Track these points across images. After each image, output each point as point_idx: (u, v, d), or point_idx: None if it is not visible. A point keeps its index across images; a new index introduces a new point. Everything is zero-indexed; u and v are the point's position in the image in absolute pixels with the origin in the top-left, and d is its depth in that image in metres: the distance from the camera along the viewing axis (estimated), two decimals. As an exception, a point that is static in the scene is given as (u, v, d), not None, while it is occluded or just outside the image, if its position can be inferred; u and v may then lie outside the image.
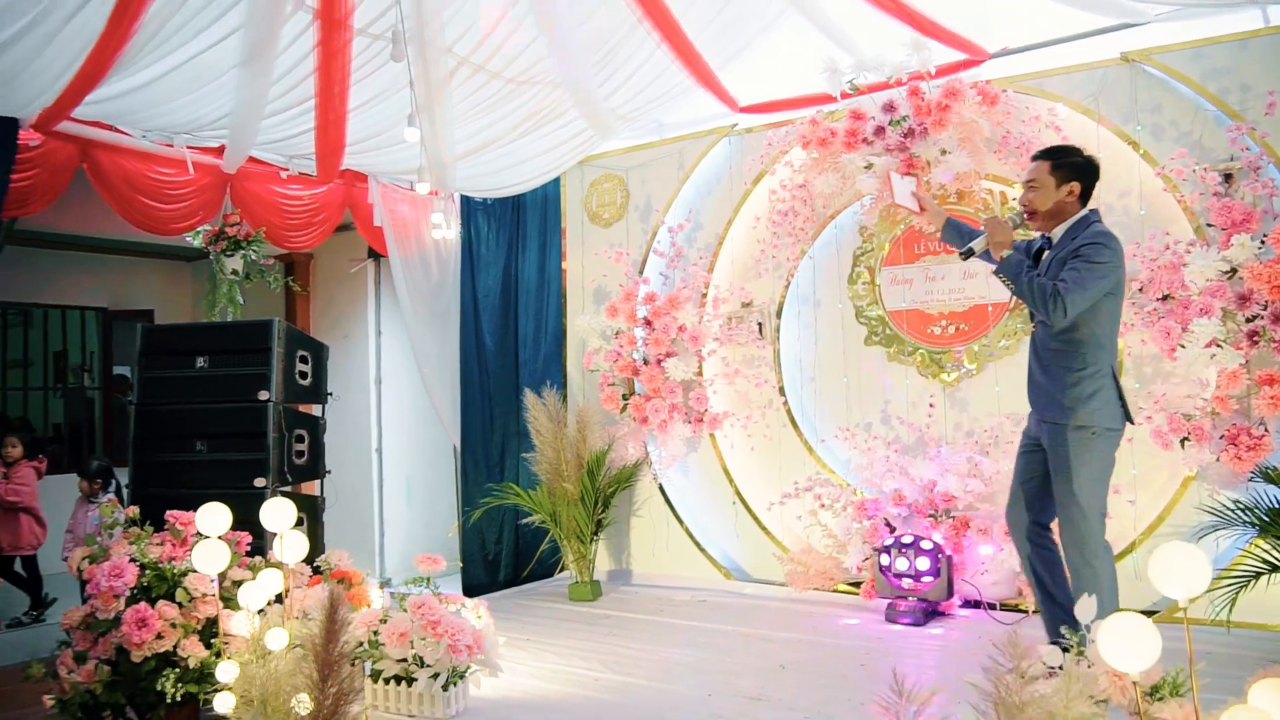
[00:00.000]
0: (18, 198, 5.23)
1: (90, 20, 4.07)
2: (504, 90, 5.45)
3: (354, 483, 8.69)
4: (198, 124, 5.44)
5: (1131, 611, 2.13)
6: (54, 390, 10.79)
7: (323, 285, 9.14)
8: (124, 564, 3.67)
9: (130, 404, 5.24)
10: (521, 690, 3.92)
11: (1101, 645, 2.14)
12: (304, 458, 5.30)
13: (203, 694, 3.59)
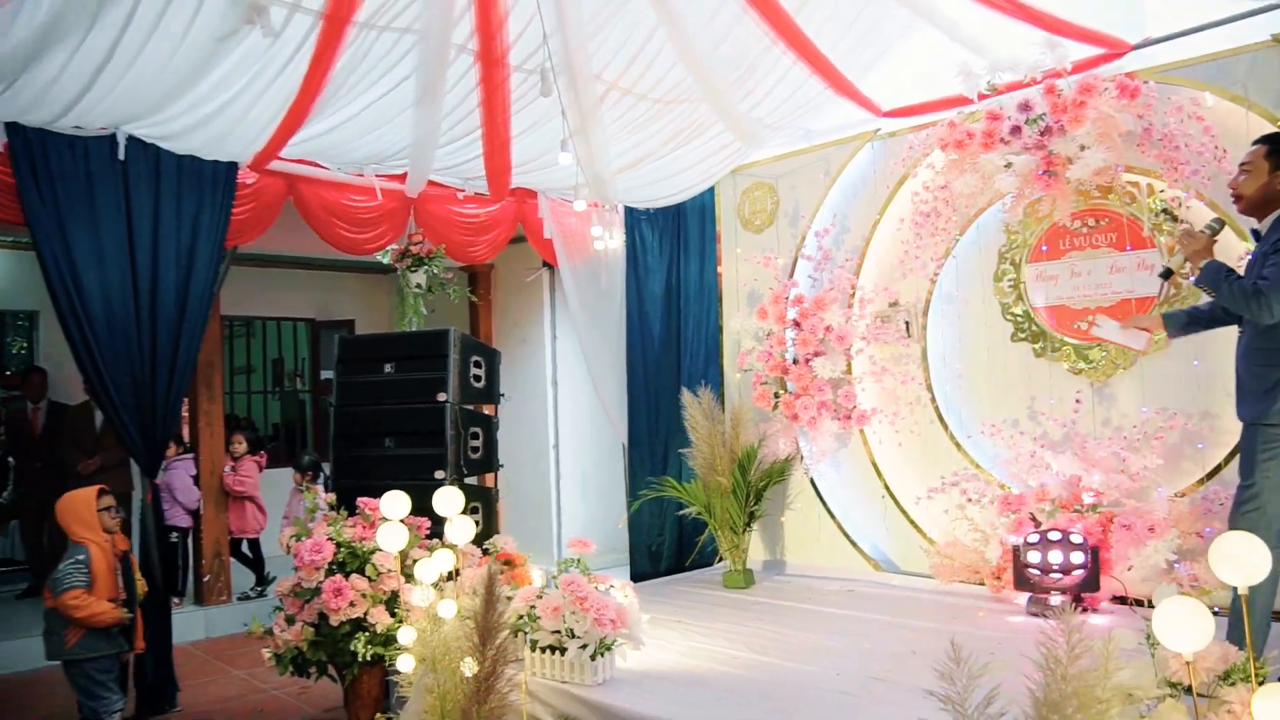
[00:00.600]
0: (238, 228, 6.03)
1: (291, 78, 4.71)
2: (652, 109, 5.84)
3: (533, 478, 9.31)
4: (383, 155, 6.08)
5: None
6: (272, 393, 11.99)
7: (502, 294, 9.79)
8: (323, 542, 4.28)
9: (331, 406, 5.94)
10: (664, 664, 4.29)
11: (1156, 627, 2.30)
12: (479, 453, 5.83)
13: (388, 655, 4.14)
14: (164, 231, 5.69)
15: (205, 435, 7.76)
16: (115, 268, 5.50)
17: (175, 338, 5.75)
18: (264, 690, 5.94)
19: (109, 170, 5.47)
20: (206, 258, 5.86)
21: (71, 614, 4.19)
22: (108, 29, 4.19)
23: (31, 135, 5.17)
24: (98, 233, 5.46)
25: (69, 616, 4.21)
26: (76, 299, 5.37)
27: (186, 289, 5.80)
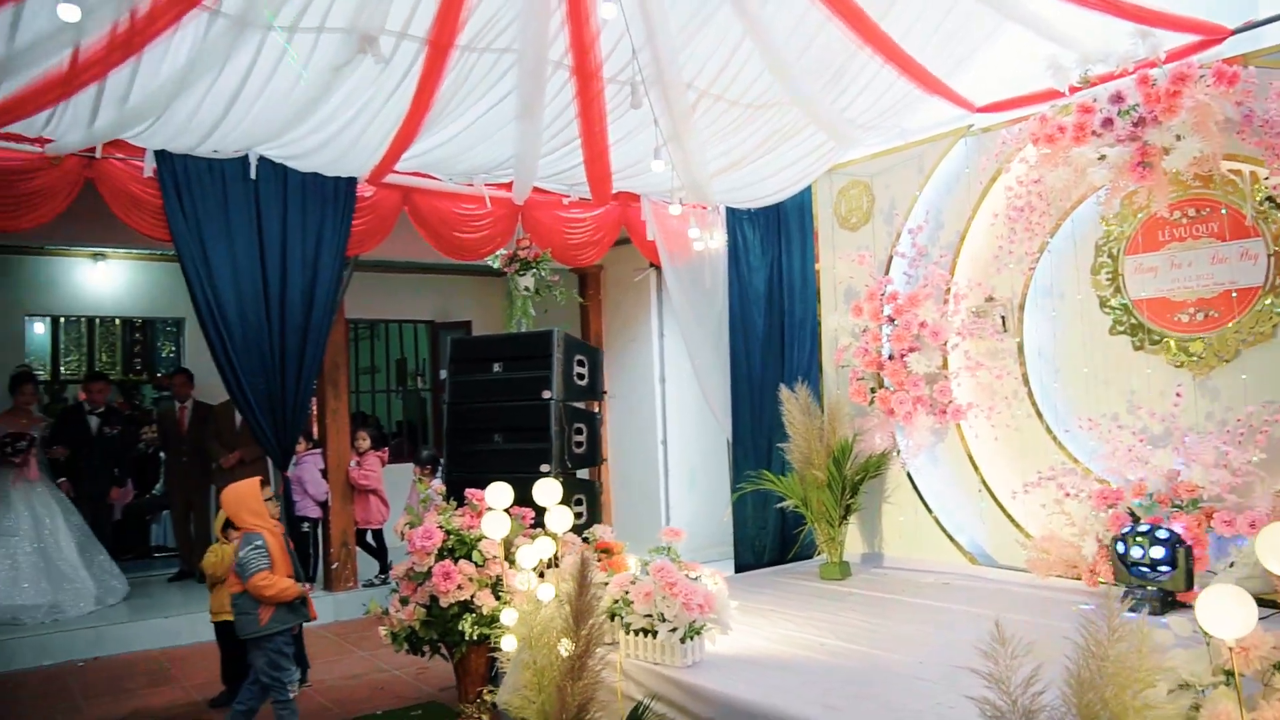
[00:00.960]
0: (358, 238, 6.46)
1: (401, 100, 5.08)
2: (745, 114, 6.01)
3: (643, 472, 9.58)
4: (490, 165, 6.43)
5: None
6: (395, 392, 12.60)
7: (611, 293, 10.07)
8: (433, 529, 4.62)
9: (444, 403, 6.31)
10: (752, 649, 4.47)
11: (1200, 613, 2.39)
12: (583, 448, 6.11)
13: (493, 635, 4.44)
14: (291, 243, 6.16)
15: (332, 432, 8.27)
16: (248, 277, 5.99)
17: (302, 341, 6.22)
18: (386, 670, 6.36)
19: (242, 189, 5.97)
20: (329, 266, 6.32)
21: (262, 594, 4.65)
22: (238, 67, 4.63)
23: (176, 160, 5.70)
24: (232, 246, 5.96)
25: (260, 596, 4.65)
26: (215, 307, 5.87)
27: (312, 296, 6.26)
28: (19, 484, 7.45)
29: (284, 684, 4.82)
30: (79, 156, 5.51)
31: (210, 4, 4.15)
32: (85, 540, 7.73)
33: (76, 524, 7.70)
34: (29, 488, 7.49)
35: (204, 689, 6.03)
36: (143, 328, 12.83)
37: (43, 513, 7.50)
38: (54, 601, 7.22)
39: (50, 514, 7.53)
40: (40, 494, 7.54)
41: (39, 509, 7.48)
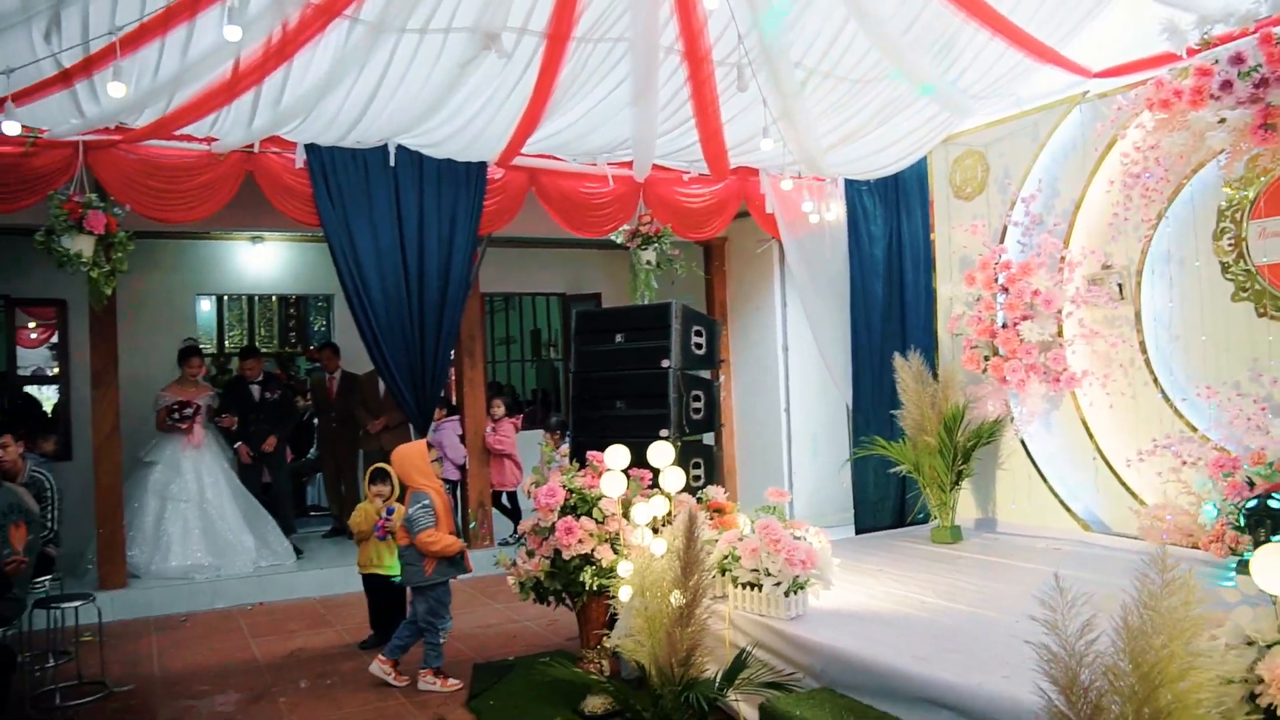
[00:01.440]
0: (489, 217, 6.90)
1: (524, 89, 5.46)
2: (855, 88, 6.15)
3: (766, 438, 9.81)
4: (611, 146, 6.76)
5: None
6: (530, 361, 13.15)
7: (735, 264, 10.27)
8: (556, 488, 5.00)
9: (570, 372, 6.70)
10: (854, 604, 4.71)
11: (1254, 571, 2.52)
12: (700, 414, 6.39)
13: (611, 586, 4.80)
14: (427, 224, 6.65)
15: (469, 399, 8.79)
16: (389, 257, 6.51)
17: (440, 315, 6.71)
18: (518, 621, 6.83)
19: (383, 175, 6.48)
20: (463, 245, 6.79)
21: (429, 549, 5.20)
22: (376, 67, 5.08)
23: (323, 152, 6.24)
24: (375, 228, 6.49)
25: (426, 551, 5.21)
26: (360, 285, 6.41)
27: (448, 273, 6.74)
28: (187, 450, 8.04)
29: (438, 629, 5.39)
30: (240, 152, 6.11)
31: (351, 13, 4.58)
32: (249, 507, 8.28)
33: (240, 490, 8.27)
34: (196, 455, 8.07)
35: (355, 633, 6.63)
36: (296, 304, 13.74)
37: (208, 479, 8.07)
38: (217, 563, 7.82)
39: (214, 480, 8.10)
40: (206, 461, 8.11)
41: (204, 475, 8.05)
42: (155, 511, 7.83)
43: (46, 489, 6.17)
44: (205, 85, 5.00)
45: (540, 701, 5.14)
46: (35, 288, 9.23)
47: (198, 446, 8.09)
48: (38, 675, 5.80)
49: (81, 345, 8.48)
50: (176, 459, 8.01)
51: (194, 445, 8.07)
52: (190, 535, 7.85)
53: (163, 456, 8.00)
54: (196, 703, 5.38)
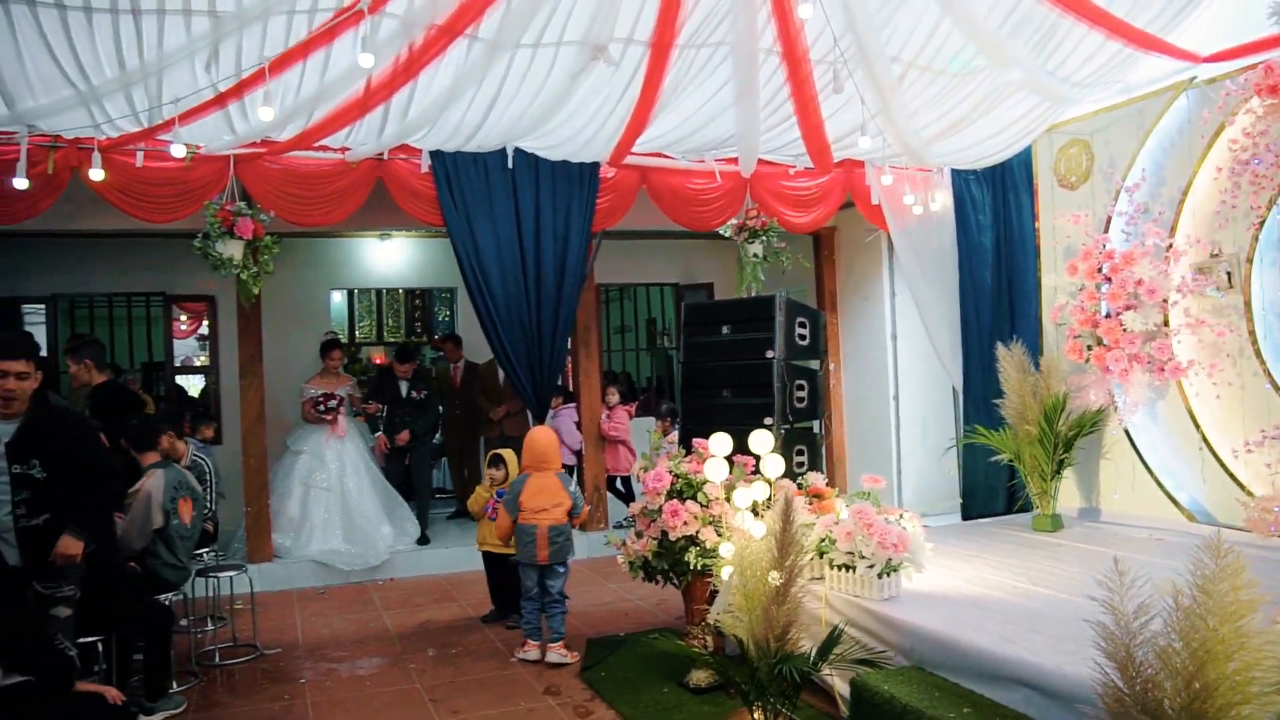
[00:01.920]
0: (602, 215, 7.27)
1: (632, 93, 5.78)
2: (954, 80, 6.25)
3: (876, 426, 9.92)
4: (717, 143, 7.02)
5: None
6: (645, 350, 13.49)
7: (845, 254, 10.38)
8: (663, 473, 5.31)
9: (679, 362, 7.00)
10: (946, 587, 4.89)
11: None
12: (804, 402, 6.60)
13: (714, 565, 5.09)
14: (544, 222, 7.04)
15: (585, 388, 9.18)
16: (508, 253, 6.93)
17: (556, 308, 7.10)
18: (630, 600, 7.19)
19: (501, 177, 6.90)
20: (578, 241, 7.16)
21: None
22: (494, 79, 5.46)
23: (447, 157, 6.69)
24: (494, 226, 6.91)
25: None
26: (481, 279, 6.85)
27: (563, 268, 7.12)
28: (331, 440, 8.51)
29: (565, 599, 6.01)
30: (370, 160, 6.61)
31: (470, 32, 4.97)
32: (387, 496, 8.71)
33: (379, 480, 8.70)
34: (339, 445, 8.53)
35: (477, 607, 7.11)
36: (421, 295, 14.43)
37: (349, 469, 8.51)
38: (355, 550, 8.27)
39: (355, 469, 8.54)
40: (349, 451, 8.55)
41: (346, 465, 8.50)
42: (299, 499, 8.32)
43: (206, 471, 6.82)
44: (341, 102, 5.48)
45: (648, 674, 5.48)
46: (188, 285, 10.03)
47: (341, 437, 8.51)
48: (200, 637, 6.45)
49: (229, 338, 9.21)
50: (320, 449, 8.48)
51: (337, 436, 8.50)
52: (331, 523, 8.32)
53: (308, 445, 8.50)
54: (336, 666, 5.91)
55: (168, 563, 5.42)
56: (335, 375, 8.75)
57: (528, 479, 5.93)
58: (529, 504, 5.87)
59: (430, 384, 9.00)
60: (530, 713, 5.03)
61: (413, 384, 8.88)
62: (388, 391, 8.92)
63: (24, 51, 4.83)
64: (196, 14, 4.66)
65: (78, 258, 9.63)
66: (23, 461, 4.09)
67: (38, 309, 10.30)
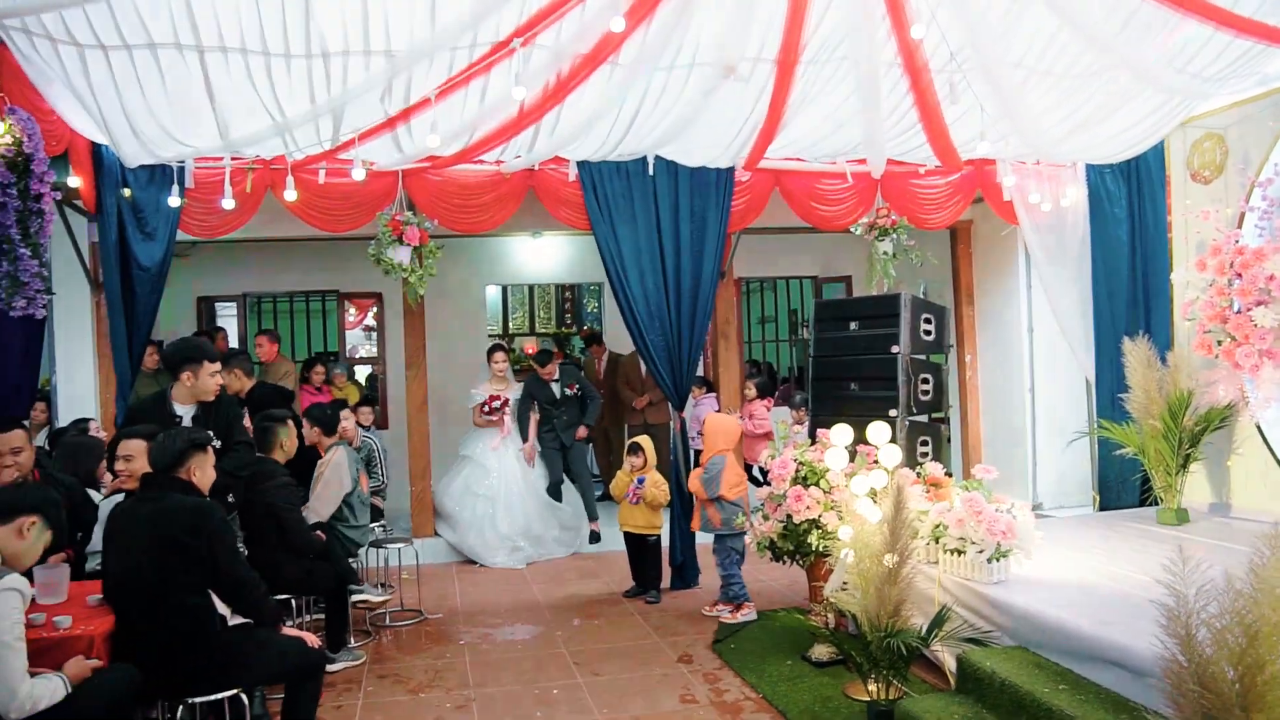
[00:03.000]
0: (737, 216, 7.68)
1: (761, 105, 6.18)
2: (1078, 81, 6.38)
3: (1012, 418, 9.99)
4: (847, 148, 7.37)
5: None
6: (787, 341, 13.80)
7: (980, 248, 10.43)
8: (788, 460, 5.73)
9: (810, 356, 7.37)
10: (1054, 574, 5.13)
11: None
12: (929, 396, 6.89)
13: (835, 548, 5.47)
14: (681, 225, 7.52)
15: (725, 378, 9.59)
16: (648, 254, 7.43)
17: (693, 304, 7.57)
18: (763, 581, 7.60)
19: (642, 183, 7.41)
20: (714, 241, 7.60)
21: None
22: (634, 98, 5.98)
23: (593, 166, 7.26)
24: (635, 229, 7.43)
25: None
26: (623, 278, 7.38)
27: (699, 266, 7.58)
28: (496, 447, 8.60)
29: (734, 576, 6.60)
30: (523, 171, 7.23)
31: (611, 60, 5.49)
32: (544, 503, 8.76)
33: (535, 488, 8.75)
34: (502, 452, 8.61)
35: (619, 583, 7.67)
36: (571, 289, 15.16)
37: (511, 477, 8.58)
38: (517, 545, 8.58)
39: (515, 476, 8.60)
40: (509, 457, 8.67)
41: (507, 473, 8.62)
42: (469, 505, 8.61)
43: (376, 452, 7.62)
44: (497, 124, 6.10)
45: (774, 648, 5.90)
46: (358, 283, 10.99)
47: (505, 436, 8.67)
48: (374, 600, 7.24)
49: (395, 331, 10.07)
50: (485, 456, 8.64)
51: (504, 437, 8.66)
52: (484, 524, 8.57)
53: (475, 451, 8.73)
54: (491, 630, 6.57)
55: (352, 525, 6.17)
56: (502, 379, 8.80)
57: (726, 460, 6.55)
58: (734, 481, 6.55)
59: (579, 376, 9.21)
60: (664, 678, 5.53)
61: (562, 381, 8.98)
62: (540, 396, 8.94)
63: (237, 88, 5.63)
64: (375, 54, 5.34)
65: (265, 261, 10.69)
66: None
67: (229, 306, 11.45)
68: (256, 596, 3.93)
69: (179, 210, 6.75)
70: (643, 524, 7.13)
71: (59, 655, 3.51)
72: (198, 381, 4.78)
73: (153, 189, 6.73)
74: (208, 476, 4.00)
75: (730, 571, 6.61)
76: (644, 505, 7.02)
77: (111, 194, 6.54)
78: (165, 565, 3.65)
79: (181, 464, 3.87)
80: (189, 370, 4.76)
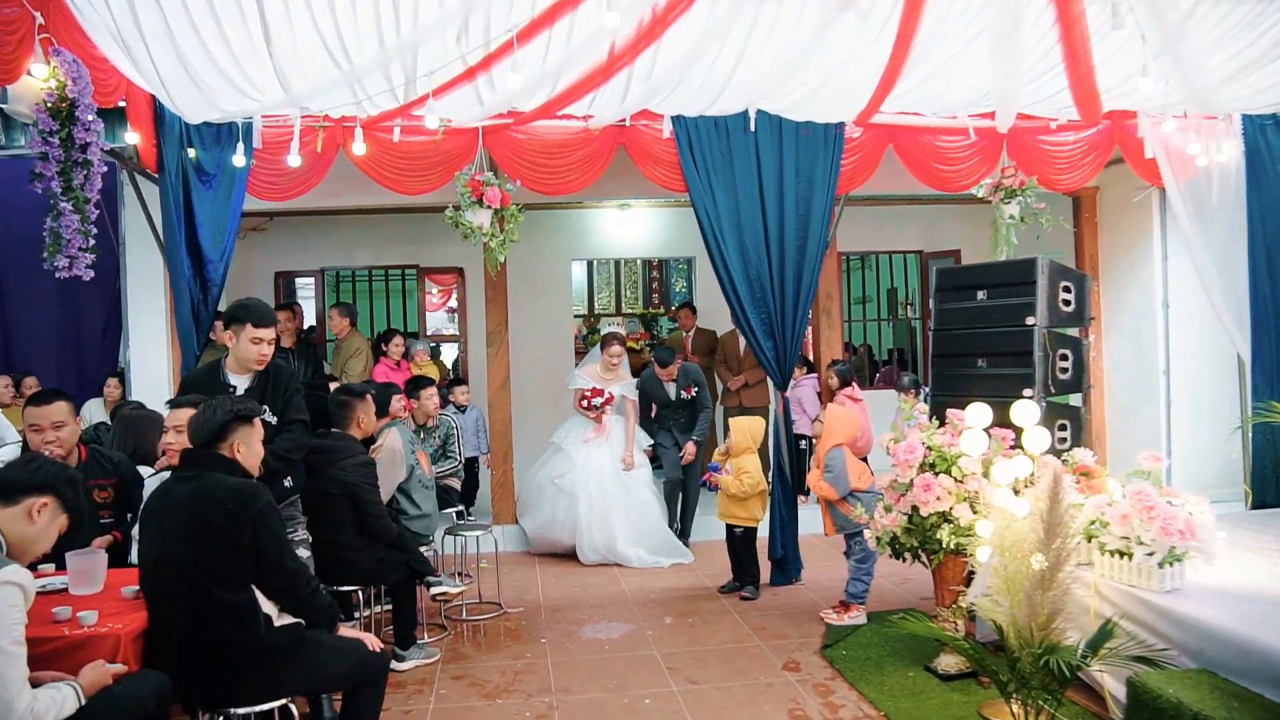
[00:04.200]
0: (847, 177, 7.00)
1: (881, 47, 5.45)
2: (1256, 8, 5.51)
3: (1142, 402, 9.11)
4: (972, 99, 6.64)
5: None
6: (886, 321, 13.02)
7: (1108, 216, 9.56)
8: (915, 444, 5.02)
9: (930, 329, 6.62)
10: (1237, 582, 4.34)
11: None
12: (1067, 374, 6.09)
13: (968, 545, 4.76)
14: (786, 186, 6.85)
15: (826, 357, 8.89)
16: (749, 219, 6.79)
17: (798, 276, 6.89)
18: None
19: (743, 141, 6.76)
20: (821, 205, 6.92)
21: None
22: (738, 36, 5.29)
23: (688, 122, 6.63)
24: (735, 192, 6.79)
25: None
26: (722, 246, 6.75)
27: (805, 233, 6.90)
28: (590, 443, 7.83)
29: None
30: (612, 127, 6.63)
31: (716, -16, 4.84)
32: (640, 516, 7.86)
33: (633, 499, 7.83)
34: (596, 450, 7.82)
35: (715, 577, 7.06)
36: (659, 267, 14.55)
37: (606, 477, 7.78)
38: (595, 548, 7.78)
39: (606, 478, 7.78)
40: (605, 457, 7.82)
41: (592, 472, 7.77)
42: (550, 499, 7.92)
43: (453, 430, 7.12)
44: (585, 68, 5.49)
45: (892, 655, 5.24)
46: (439, 258, 10.57)
47: (602, 435, 7.91)
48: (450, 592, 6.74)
49: (477, 308, 9.61)
50: (575, 449, 7.90)
51: (599, 434, 7.91)
52: (564, 523, 7.85)
53: (566, 443, 7.98)
54: (575, 628, 6.02)
55: (413, 515, 5.67)
56: (613, 370, 7.94)
57: (846, 453, 5.98)
58: (860, 470, 5.98)
59: (700, 379, 8.16)
60: (769, 688, 4.91)
61: (680, 383, 8.11)
62: (655, 396, 8.15)
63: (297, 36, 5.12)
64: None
65: (342, 235, 10.40)
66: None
67: (308, 282, 11.13)
68: (307, 593, 3.39)
69: (246, 172, 6.32)
70: (740, 515, 6.50)
71: (83, 656, 3.02)
72: (238, 346, 4.28)
73: (218, 150, 6.31)
74: (254, 453, 3.48)
75: (866, 564, 6.02)
76: (734, 494, 6.41)
77: (174, 152, 6.13)
78: (202, 554, 3.14)
79: (224, 438, 3.35)
80: (232, 330, 4.28)
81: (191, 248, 6.30)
